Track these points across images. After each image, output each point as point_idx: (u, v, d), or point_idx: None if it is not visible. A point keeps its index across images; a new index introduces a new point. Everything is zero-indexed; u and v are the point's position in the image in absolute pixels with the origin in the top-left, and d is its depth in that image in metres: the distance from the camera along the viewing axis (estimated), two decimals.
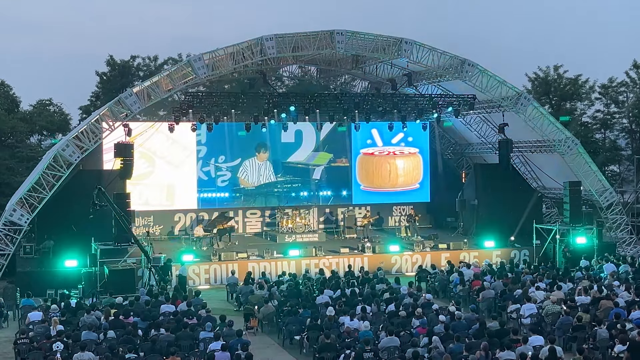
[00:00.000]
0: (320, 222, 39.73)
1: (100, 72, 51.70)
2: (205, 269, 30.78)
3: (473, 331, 19.12)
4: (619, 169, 52.91)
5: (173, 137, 35.30)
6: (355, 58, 35.98)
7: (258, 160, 39.15)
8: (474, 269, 28.79)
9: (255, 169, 39.17)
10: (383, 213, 41.06)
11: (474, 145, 41.35)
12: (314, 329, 19.99)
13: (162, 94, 31.00)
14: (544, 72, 52.54)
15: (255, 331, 22.86)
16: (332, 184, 40.38)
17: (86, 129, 30.40)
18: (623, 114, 51.61)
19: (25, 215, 29.44)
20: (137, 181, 34.85)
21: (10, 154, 44.61)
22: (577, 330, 19.60)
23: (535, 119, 34.72)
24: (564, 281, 25.57)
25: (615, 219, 36.37)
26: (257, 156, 39.03)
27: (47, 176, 29.62)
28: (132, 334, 19.22)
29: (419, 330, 19.46)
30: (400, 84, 36.33)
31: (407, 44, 32.51)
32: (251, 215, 39.39)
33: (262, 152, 39.03)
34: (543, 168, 37.84)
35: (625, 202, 40.62)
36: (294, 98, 33.67)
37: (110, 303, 23.12)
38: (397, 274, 30.74)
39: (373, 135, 40.78)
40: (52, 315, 21.33)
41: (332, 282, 26.34)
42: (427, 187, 41.73)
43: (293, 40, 31.53)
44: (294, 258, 31.69)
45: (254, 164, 39.12)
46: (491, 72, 33.96)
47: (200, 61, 30.58)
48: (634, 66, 50.49)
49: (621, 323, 19.03)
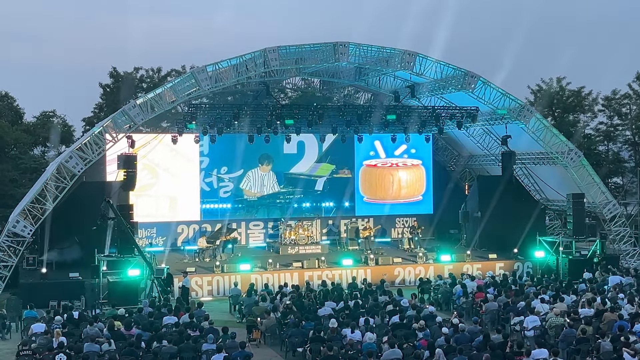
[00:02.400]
0: (323, 234, 39.74)
1: (103, 84, 51.94)
2: (208, 280, 30.72)
3: (476, 344, 19.03)
4: (622, 181, 52.92)
5: (176, 148, 35.43)
6: (358, 70, 36.13)
7: (261, 171, 39.20)
8: (477, 281, 28.72)
9: (258, 179, 39.21)
10: (386, 225, 41.04)
11: (477, 157, 41.37)
12: (316, 341, 19.92)
13: (165, 105, 31.07)
14: (547, 84, 52.66)
15: (258, 343, 22.81)
16: (334, 195, 40.37)
17: (89, 141, 30.46)
18: (626, 126, 51.66)
19: (28, 227, 29.47)
20: (140, 192, 34.86)
21: (14, 165, 44.70)
22: (581, 342, 19.52)
23: (538, 131, 34.76)
24: (567, 293, 25.49)
25: (618, 231, 36.31)
26: (260, 167, 39.08)
27: (50, 187, 29.65)
28: (134, 346, 19.17)
29: (422, 343, 19.37)
30: (403, 95, 36.40)
31: (410, 55, 32.64)
32: (254, 227, 39.39)
33: (266, 164, 39.09)
34: (546, 180, 37.85)
35: (629, 214, 40.61)
36: (297, 110, 33.73)
37: (113, 315, 23.09)
38: (399, 285, 30.65)
39: (376, 147, 40.82)
40: (54, 327, 21.29)
41: (335, 294, 26.30)
42: (430, 199, 41.72)
43: (296, 52, 31.63)
44: (297, 270, 31.67)
45: (257, 175, 39.16)
46: (494, 84, 34.05)
47: (204, 73, 30.67)
48: (637, 78, 50.61)
49: (625, 335, 18.94)
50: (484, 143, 39.29)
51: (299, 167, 39.90)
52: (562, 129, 42.79)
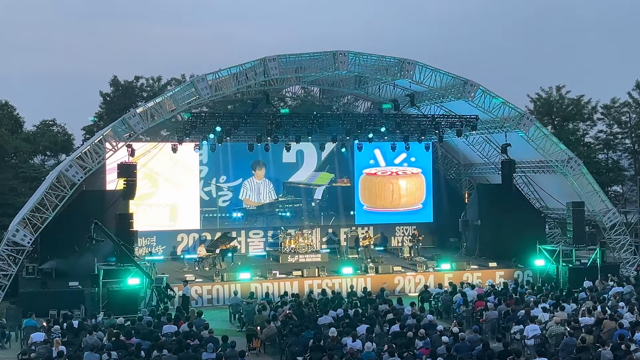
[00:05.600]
0: (323, 242, 39.73)
1: (103, 93, 51.97)
2: (207, 289, 30.69)
3: (476, 352, 19.02)
4: (622, 189, 52.89)
5: (176, 157, 35.47)
6: (358, 78, 36.15)
7: (256, 179, 39.21)
8: (478, 290, 28.69)
9: (255, 188, 39.23)
10: (386, 233, 41.01)
11: (476, 165, 41.38)
12: (316, 350, 19.87)
13: (165, 114, 31.08)
14: (547, 92, 52.68)
15: (258, 352, 22.77)
16: (334, 204, 40.41)
17: (89, 150, 30.44)
18: (626, 134, 51.68)
19: (28, 236, 29.41)
20: (140, 201, 34.88)
21: (14, 174, 44.70)
22: (581, 351, 19.47)
23: (537, 140, 34.79)
24: (568, 302, 25.46)
25: (618, 240, 36.29)
26: (254, 174, 39.08)
27: (50, 196, 29.61)
28: (134, 355, 19.14)
29: (422, 351, 19.36)
30: (403, 104, 36.43)
31: (410, 64, 32.63)
32: (254, 236, 39.38)
33: (258, 169, 39.02)
34: (546, 188, 37.84)
35: (629, 222, 40.57)
36: (296, 118, 33.77)
37: (112, 324, 23.06)
38: (400, 294, 30.61)
39: (376, 156, 40.84)
40: (54, 336, 21.25)
41: (335, 303, 26.26)
42: (430, 207, 41.71)
43: (296, 61, 31.66)
44: (297, 278, 31.64)
45: (253, 183, 39.19)
46: (494, 93, 34.07)
47: (204, 82, 30.68)
48: (636, 87, 50.62)
49: (625, 344, 18.93)
50: (484, 151, 39.31)
51: (298, 176, 39.91)
52: (561, 137, 42.80)
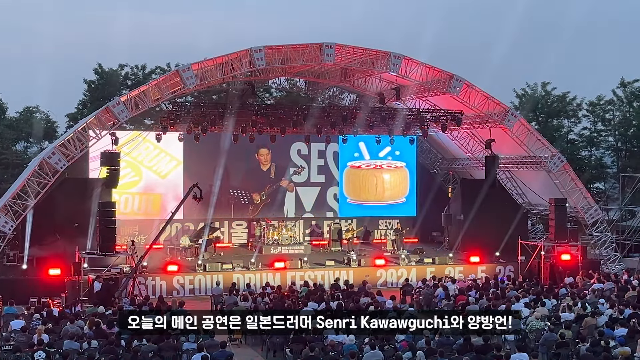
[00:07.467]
0: (306, 235, 39.71)
1: (88, 80, 51.49)
2: (190, 279, 30.63)
3: (457, 346, 19.08)
4: (604, 186, 53.23)
5: (160, 146, 35.32)
6: (343, 71, 36.09)
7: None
8: (459, 284, 28.78)
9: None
10: (369, 227, 41.03)
11: (460, 160, 41.47)
12: (297, 342, 19.90)
13: (149, 103, 30.93)
14: (532, 88, 52.86)
15: (239, 343, 22.73)
16: (317, 196, 40.35)
17: (73, 137, 30.26)
18: (609, 132, 51.98)
19: (9, 223, 29.23)
20: (123, 190, 34.77)
21: None
22: (561, 347, 19.58)
23: (522, 135, 34.92)
24: (548, 297, 25.59)
25: (600, 236, 36.50)
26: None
27: (32, 183, 29.44)
28: (114, 344, 19.09)
29: (403, 345, 19.40)
30: (389, 97, 36.44)
31: (396, 57, 32.60)
32: (237, 226, 39.30)
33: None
34: (529, 184, 37.98)
35: (610, 219, 40.79)
36: (281, 110, 33.68)
37: (94, 312, 22.96)
38: (382, 287, 30.65)
39: (360, 149, 40.82)
40: (35, 325, 21.15)
41: (317, 295, 26.26)
42: (414, 201, 41.76)
43: (282, 52, 31.58)
44: (279, 270, 31.62)
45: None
46: (479, 88, 34.14)
47: (189, 71, 30.53)
48: (621, 84, 50.91)
49: (605, 340, 19.05)
50: (468, 146, 39.42)
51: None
52: (545, 133, 42.99)
